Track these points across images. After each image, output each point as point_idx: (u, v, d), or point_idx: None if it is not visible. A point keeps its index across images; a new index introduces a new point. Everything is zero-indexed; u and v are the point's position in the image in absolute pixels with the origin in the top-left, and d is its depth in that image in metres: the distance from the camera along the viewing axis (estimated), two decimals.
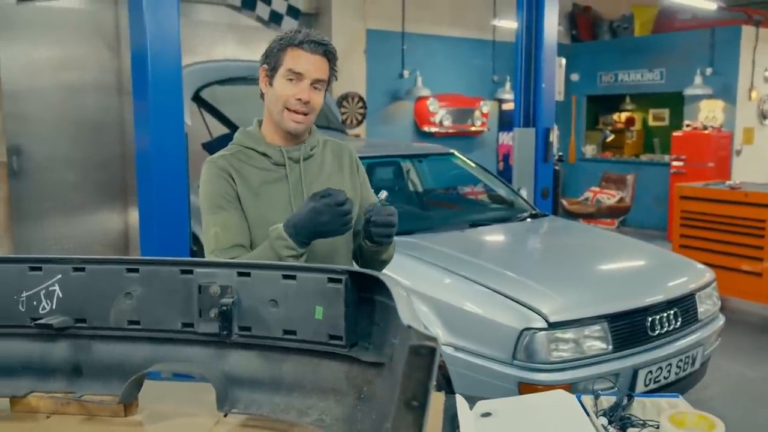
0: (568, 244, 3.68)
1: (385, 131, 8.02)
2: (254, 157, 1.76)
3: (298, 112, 1.70)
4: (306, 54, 1.67)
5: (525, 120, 5.05)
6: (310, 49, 1.67)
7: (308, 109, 1.70)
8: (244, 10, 6.84)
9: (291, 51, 1.68)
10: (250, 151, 1.77)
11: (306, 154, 1.79)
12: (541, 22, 4.92)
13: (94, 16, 5.90)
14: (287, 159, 1.76)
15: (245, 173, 1.74)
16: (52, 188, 5.73)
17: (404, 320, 0.84)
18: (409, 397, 0.86)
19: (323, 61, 1.70)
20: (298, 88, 1.68)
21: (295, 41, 1.67)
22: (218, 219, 1.71)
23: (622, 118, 10.96)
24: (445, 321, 2.84)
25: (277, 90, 1.70)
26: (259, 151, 1.76)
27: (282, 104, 1.70)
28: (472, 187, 4.68)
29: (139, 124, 3.28)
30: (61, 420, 1.31)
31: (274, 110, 1.72)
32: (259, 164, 1.75)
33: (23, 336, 1.37)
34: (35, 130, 5.63)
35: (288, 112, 1.70)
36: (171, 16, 3.17)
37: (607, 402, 1.36)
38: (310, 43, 1.67)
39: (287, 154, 1.76)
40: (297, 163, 1.77)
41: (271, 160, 1.76)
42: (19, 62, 5.48)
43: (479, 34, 8.67)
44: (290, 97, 1.68)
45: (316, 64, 1.68)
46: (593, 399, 1.37)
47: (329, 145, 1.89)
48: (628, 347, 2.78)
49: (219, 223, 1.70)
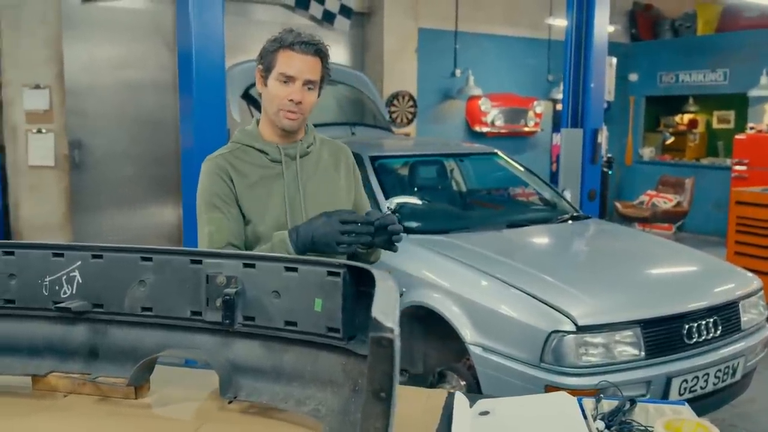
0: (607, 247, 3.60)
1: (436, 130, 8.01)
2: (252, 155, 1.82)
3: (291, 111, 1.75)
4: (297, 55, 1.72)
5: (573, 120, 4.97)
6: (300, 50, 1.72)
7: (301, 109, 1.76)
8: (298, 10, 6.95)
9: (282, 53, 1.73)
10: (248, 148, 1.83)
11: (302, 151, 1.84)
12: (592, 21, 4.83)
13: (153, 15, 6.11)
14: (284, 156, 1.81)
15: (243, 170, 1.80)
16: (111, 181, 5.98)
17: (373, 312, 0.86)
18: (377, 389, 0.87)
19: (315, 61, 1.74)
20: (291, 90, 1.73)
21: (286, 43, 1.72)
22: (213, 218, 1.78)
23: (685, 120, 10.61)
24: (474, 321, 2.84)
25: (271, 91, 1.76)
26: (257, 148, 1.82)
27: (276, 105, 1.76)
28: (514, 188, 4.64)
29: (184, 120, 3.39)
30: (77, 399, 1.38)
31: (270, 110, 1.79)
32: (257, 161, 1.82)
33: (46, 318, 1.44)
34: (96, 125, 5.87)
35: (283, 111, 1.76)
36: (216, 16, 3.27)
37: (608, 406, 1.34)
38: (301, 44, 1.72)
39: (284, 151, 1.82)
40: (293, 160, 1.83)
41: (268, 157, 1.82)
42: (82, 60, 5.73)
43: (534, 33, 8.55)
44: (283, 99, 1.74)
45: (308, 65, 1.73)
46: (594, 402, 1.35)
47: (327, 144, 1.94)
48: (662, 354, 2.71)
49: (213, 223, 1.77)
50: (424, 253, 3.26)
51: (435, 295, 3.05)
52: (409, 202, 3.93)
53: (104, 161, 5.95)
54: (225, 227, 1.77)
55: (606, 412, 1.32)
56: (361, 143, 4.31)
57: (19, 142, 5.34)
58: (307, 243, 1.66)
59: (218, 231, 1.76)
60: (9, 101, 5.30)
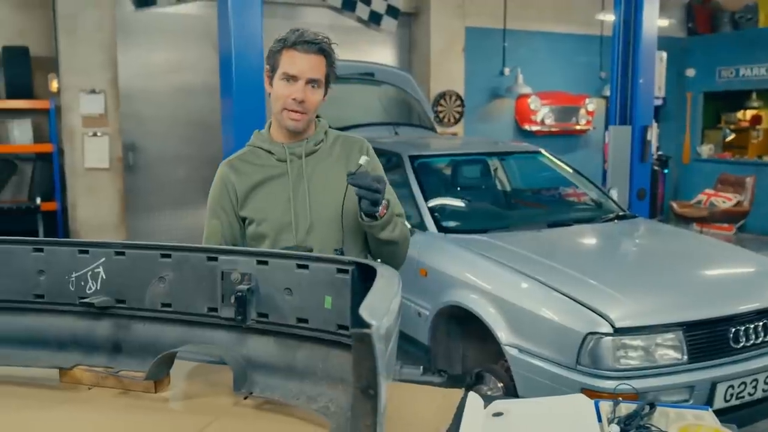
0: (651, 247, 3.50)
1: (484, 130, 7.93)
2: (261, 155, 1.87)
3: (295, 111, 1.77)
4: (299, 54, 1.74)
5: (621, 117, 4.83)
6: (303, 49, 1.74)
7: (304, 108, 1.77)
8: (345, 11, 7.00)
9: (286, 52, 1.75)
10: (258, 150, 1.87)
11: (309, 149, 1.85)
12: (640, 14, 4.69)
13: (203, 20, 6.25)
14: (289, 155, 1.83)
15: (249, 173, 1.85)
16: (163, 183, 6.16)
17: (360, 309, 0.86)
18: (365, 385, 0.87)
19: (318, 60, 1.76)
20: (294, 89, 1.75)
21: (289, 42, 1.74)
22: (208, 224, 1.88)
23: (747, 116, 10.19)
24: (510, 321, 2.80)
25: (275, 91, 1.79)
26: (265, 149, 1.86)
27: (280, 105, 1.78)
28: (559, 187, 4.55)
29: (225, 121, 3.46)
30: (100, 392, 1.42)
31: (275, 109, 1.82)
32: (264, 162, 1.85)
33: (72, 313, 1.49)
34: (148, 128, 6.06)
35: (286, 111, 1.78)
36: (255, 19, 3.33)
37: (626, 410, 1.30)
38: (303, 43, 1.73)
39: (289, 150, 1.84)
40: (299, 158, 1.84)
41: (274, 157, 1.85)
42: (136, 65, 5.93)
43: (585, 30, 8.37)
44: (286, 98, 1.76)
45: (311, 63, 1.74)
46: (612, 405, 1.31)
47: (341, 140, 1.94)
48: (707, 358, 2.61)
49: (208, 228, 1.88)
50: (461, 252, 3.23)
51: (471, 296, 3.02)
52: (447, 202, 3.91)
53: (156, 163, 6.13)
54: (217, 234, 1.87)
55: (623, 416, 1.28)
56: (402, 143, 4.31)
57: (76, 145, 5.55)
58: None
59: (211, 235, 1.87)
60: (67, 106, 5.51)
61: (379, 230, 1.77)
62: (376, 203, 1.69)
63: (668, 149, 9.25)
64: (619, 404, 1.31)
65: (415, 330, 3.42)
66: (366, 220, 1.75)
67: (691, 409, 1.31)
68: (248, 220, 1.86)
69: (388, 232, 1.79)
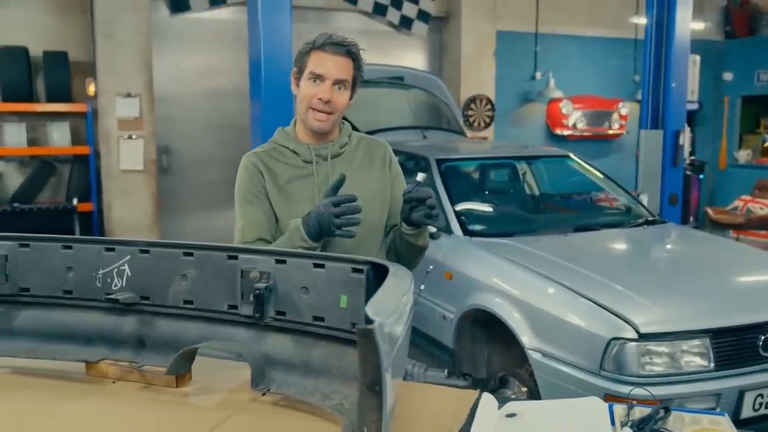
0: (680, 252, 3.45)
1: (515, 134, 7.89)
2: (286, 155, 1.86)
3: (321, 111, 1.77)
4: (327, 56, 1.75)
5: (653, 122, 4.77)
6: (331, 50, 1.75)
7: (331, 108, 1.78)
8: (376, 16, 7.04)
9: (314, 54, 1.76)
10: (283, 148, 1.87)
11: (335, 152, 1.86)
12: (673, 17, 4.62)
13: (236, 25, 6.35)
14: (315, 157, 1.84)
15: (276, 169, 1.84)
16: (195, 185, 6.27)
17: (366, 306, 0.88)
18: (370, 381, 0.89)
19: (346, 62, 1.77)
20: (320, 89, 1.76)
21: (317, 44, 1.76)
22: (245, 213, 1.83)
23: None
24: (534, 325, 2.79)
25: (302, 91, 1.80)
26: (290, 149, 1.86)
27: (306, 105, 1.79)
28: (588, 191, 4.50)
29: (254, 123, 3.52)
30: (124, 386, 1.46)
31: (301, 110, 1.82)
32: (290, 161, 1.86)
33: (99, 309, 1.54)
34: (182, 131, 6.18)
35: (312, 111, 1.79)
36: (284, 24, 3.38)
37: (640, 413, 1.30)
38: (332, 45, 1.75)
39: (315, 152, 1.84)
40: (325, 160, 1.85)
41: (300, 158, 1.85)
42: (170, 69, 6.05)
43: (619, 33, 8.27)
44: (313, 98, 1.77)
45: (338, 65, 1.75)
46: (626, 409, 1.31)
47: (363, 142, 1.94)
48: (735, 366, 2.57)
49: (246, 217, 1.83)
50: (486, 256, 3.23)
51: (496, 299, 3.02)
52: (473, 205, 3.90)
53: (190, 166, 6.24)
54: (256, 222, 1.82)
55: (636, 419, 1.27)
56: (429, 146, 4.32)
57: (112, 147, 5.69)
58: (315, 228, 1.68)
59: (250, 225, 1.81)
60: (103, 109, 5.65)
61: (417, 238, 1.82)
62: (429, 216, 1.70)
63: (704, 154, 9.08)
64: (633, 408, 1.31)
65: (440, 333, 3.43)
66: (408, 228, 1.77)
67: (708, 414, 1.29)
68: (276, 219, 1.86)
69: (423, 238, 1.85)
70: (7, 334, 1.55)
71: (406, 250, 1.85)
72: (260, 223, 1.82)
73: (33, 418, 1.30)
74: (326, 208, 1.64)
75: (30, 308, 1.57)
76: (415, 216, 1.70)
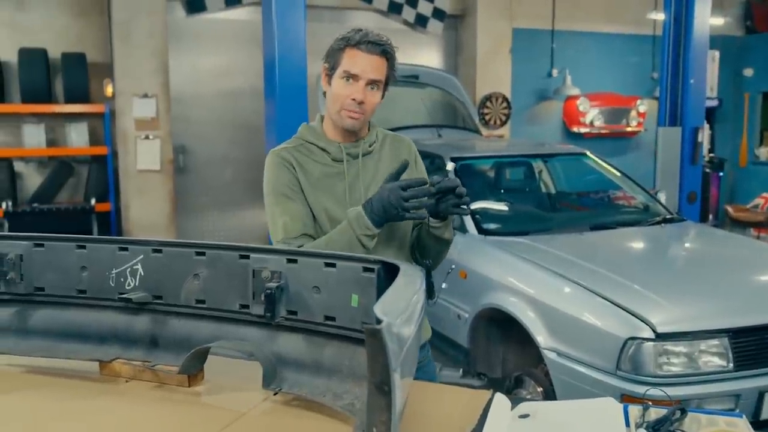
0: (698, 251, 3.40)
1: (531, 132, 7.84)
2: (315, 152, 1.82)
3: (354, 111, 1.74)
4: (362, 54, 1.70)
5: (671, 118, 4.71)
6: (366, 49, 1.70)
7: (363, 109, 1.74)
8: (391, 14, 7.03)
9: (348, 51, 1.71)
10: (311, 145, 1.83)
11: (365, 150, 1.83)
12: (692, 12, 4.56)
13: (251, 26, 6.37)
14: (345, 155, 1.81)
15: (306, 166, 1.81)
16: (211, 185, 6.31)
17: (375, 306, 0.87)
18: (379, 381, 0.88)
19: (380, 61, 1.72)
20: (354, 89, 1.72)
21: (352, 42, 1.71)
22: (286, 208, 1.78)
23: None
24: (549, 325, 2.76)
25: (334, 90, 1.75)
26: (320, 147, 1.82)
27: (339, 104, 1.75)
28: (605, 189, 4.47)
29: (268, 123, 3.52)
30: (137, 385, 1.47)
31: (332, 109, 1.78)
32: (319, 159, 1.82)
33: (113, 308, 1.55)
34: (198, 131, 6.22)
35: (345, 111, 1.75)
36: (298, 23, 3.38)
37: (656, 414, 1.28)
38: (367, 43, 1.70)
39: (345, 150, 1.81)
40: (355, 159, 1.82)
41: (330, 156, 1.81)
42: (186, 70, 6.09)
43: (637, 30, 8.19)
44: (346, 98, 1.73)
45: (373, 65, 1.71)
46: (642, 410, 1.29)
47: (389, 139, 1.92)
48: (754, 367, 2.53)
49: (287, 213, 1.78)
50: (500, 254, 3.21)
51: (511, 299, 3.00)
52: (488, 204, 3.88)
53: (206, 166, 6.28)
54: (298, 216, 1.77)
55: (651, 421, 1.25)
56: (444, 144, 4.30)
57: (129, 147, 5.74)
58: (380, 213, 1.65)
59: (292, 220, 1.77)
60: (121, 110, 5.70)
61: (443, 231, 1.79)
62: (458, 206, 1.68)
63: (724, 152, 8.97)
64: (649, 409, 1.29)
65: (455, 332, 3.42)
66: (435, 222, 1.75)
67: (725, 416, 1.27)
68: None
69: (449, 231, 1.82)
70: (22, 334, 1.56)
71: (432, 244, 1.82)
72: (302, 217, 1.78)
73: (47, 417, 1.31)
74: (392, 192, 1.62)
75: (44, 307, 1.58)
76: (443, 206, 1.67)
